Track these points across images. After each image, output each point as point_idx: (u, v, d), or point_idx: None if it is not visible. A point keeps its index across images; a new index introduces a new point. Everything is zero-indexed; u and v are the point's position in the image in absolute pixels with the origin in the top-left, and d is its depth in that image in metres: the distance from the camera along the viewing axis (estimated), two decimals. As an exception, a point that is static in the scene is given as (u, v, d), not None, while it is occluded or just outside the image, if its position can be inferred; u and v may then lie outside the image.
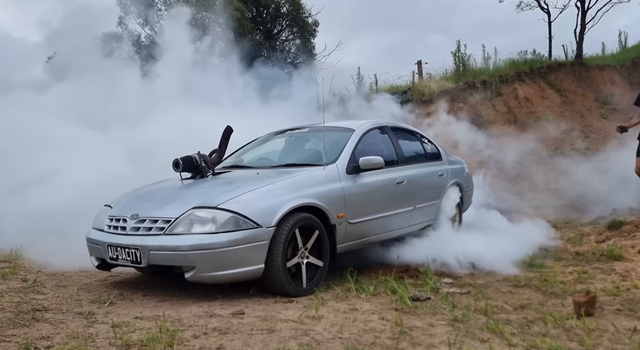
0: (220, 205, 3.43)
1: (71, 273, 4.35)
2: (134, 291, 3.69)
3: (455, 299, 3.47)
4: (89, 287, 3.85)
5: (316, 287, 3.66)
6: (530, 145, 11.42)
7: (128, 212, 3.71)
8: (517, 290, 3.81)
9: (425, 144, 5.54)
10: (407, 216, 4.79)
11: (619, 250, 4.69)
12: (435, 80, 13.34)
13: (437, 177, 5.36)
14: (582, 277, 4.11)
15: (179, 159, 4.16)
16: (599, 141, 11.47)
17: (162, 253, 3.36)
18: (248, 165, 4.73)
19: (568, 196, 7.95)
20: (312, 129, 5.10)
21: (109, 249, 3.60)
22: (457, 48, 13.34)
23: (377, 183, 4.42)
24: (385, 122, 5.42)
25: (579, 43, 14.51)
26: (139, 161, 5.80)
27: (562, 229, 6.34)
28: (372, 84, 14.24)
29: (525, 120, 12.16)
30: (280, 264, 3.45)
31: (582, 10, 14.59)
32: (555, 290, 3.76)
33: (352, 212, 4.09)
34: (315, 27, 18.83)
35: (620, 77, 13.74)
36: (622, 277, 4.02)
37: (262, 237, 3.41)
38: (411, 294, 3.44)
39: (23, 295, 3.42)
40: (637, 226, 5.43)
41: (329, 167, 4.13)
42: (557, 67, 13.71)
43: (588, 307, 3.10)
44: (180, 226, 3.41)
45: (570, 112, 12.53)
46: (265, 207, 3.51)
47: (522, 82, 12.91)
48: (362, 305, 3.25)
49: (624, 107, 12.46)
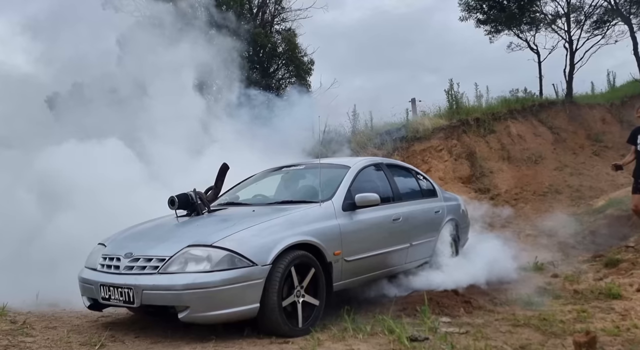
0: (216, 243, 3.40)
1: (61, 314, 4.26)
2: (126, 332, 3.60)
3: (453, 339, 3.41)
4: (80, 328, 3.76)
5: (312, 326, 3.59)
6: (523, 181, 11.52)
7: (122, 250, 3.67)
8: (516, 330, 3.75)
9: (420, 181, 5.58)
10: (403, 253, 4.76)
11: (617, 288, 4.65)
12: (429, 117, 13.53)
13: (433, 213, 5.36)
14: (581, 316, 4.06)
15: (174, 197, 4.15)
16: (591, 178, 11.58)
17: (155, 293, 3.30)
18: (244, 202, 4.73)
19: (563, 233, 7.93)
20: (308, 166, 5.13)
21: (101, 289, 3.53)
22: (450, 86, 13.60)
23: (373, 220, 4.42)
24: (380, 159, 5.47)
25: (568, 82, 14.87)
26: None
27: (559, 267, 6.30)
28: (367, 121, 14.41)
29: (519, 157, 12.29)
30: (276, 303, 3.39)
31: (570, 51, 15.04)
32: (555, 329, 3.70)
33: (348, 249, 4.07)
34: (311, 66, 19.21)
35: (610, 116, 14.03)
36: (621, 317, 3.97)
37: (257, 276, 3.37)
38: (409, 333, 3.37)
39: (11, 337, 3.33)
40: (634, 264, 5.41)
41: (325, 204, 4.13)
42: (549, 105, 13.99)
43: (588, 347, 3.05)
44: (175, 265, 3.37)
45: (563, 150, 12.70)
46: (261, 244, 3.48)
47: (514, 119, 13.12)
48: (360, 345, 3.18)
49: (615, 145, 12.66)
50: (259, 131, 8.43)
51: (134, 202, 5.50)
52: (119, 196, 5.67)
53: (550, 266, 6.39)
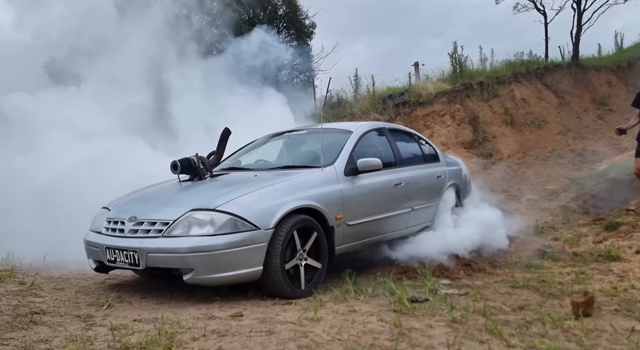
0: (219, 208, 3.43)
1: (69, 276, 4.34)
2: (132, 294, 3.68)
3: (453, 300, 3.48)
4: (87, 289, 3.84)
5: (315, 289, 3.66)
6: (526, 145, 11.46)
7: (126, 214, 3.71)
8: (515, 291, 3.82)
9: (422, 146, 5.55)
10: (405, 218, 4.79)
11: (617, 250, 4.70)
12: (432, 81, 13.36)
13: (434, 178, 5.37)
14: (579, 277, 4.12)
15: (177, 161, 4.15)
16: (595, 142, 11.52)
17: (160, 255, 3.35)
18: (246, 167, 4.73)
19: (565, 197, 7.96)
20: (310, 131, 5.10)
21: (107, 252, 3.59)
22: (454, 49, 13.36)
23: (375, 185, 4.43)
24: (383, 124, 5.43)
25: (575, 44, 14.58)
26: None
27: (560, 230, 6.35)
28: (369, 86, 14.24)
29: (522, 121, 12.20)
30: (279, 266, 3.45)
31: (578, 11, 14.66)
32: (553, 291, 3.77)
33: (350, 214, 4.09)
34: (313, 29, 18.85)
35: (616, 78, 13.82)
36: (619, 278, 4.03)
37: (260, 239, 3.41)
38: (410, 295, 3.44)
39: (21, 298, 3.41)
40: (634, 227, 5.45)
41: (327, 169, 4.13)
42: (554, 68, 13.77)
43: (586, 307, 3.10)
44: (179, 228, 3.40)
45: (567, 113, 12.58)
46: (264, 209, 3.51)
47: (518, 83, 12.95)
48: (361, 306, 3.25)
49: (620, 108, 12.53)
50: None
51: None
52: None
53: (551, 230, 6.46)
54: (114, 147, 6.05)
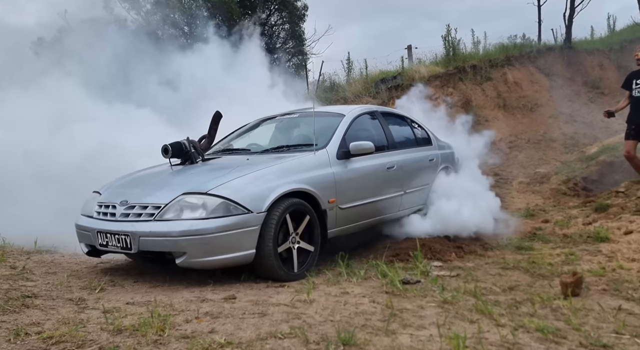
0: (211, 191, 3.42)
1: (60, 260, 4.33)
2: (125, 277, 3.69)
3: (444, 281, 3.51)
4: (79, 273, 3.84)
5: (307, 271, 3.69)
6: (518, 129, 11.49)
7: (117, 198, 3.69)
8: (505, 272, 3.86)
9: (415, 129, 5.55)
10: (397, 201, 4.81)
11: (606, 232, 4.76)
12: (425, 65, 13.31)
13: (427, 161, 5.38)
14: (569, 258, 4.18)
15: (168, 145, 4.12)
16: (586, 125, 11.57)
17: (152, 239, 3.35)
18: (238, 151, 4.71)
19: (556, 180, 8.02)
20: (302, 114, 5.08)
21: (98, 236, 3.58)
22: (447, 32, 13.31)
23: (368, 168, 4.43)
24: (375, 107, 5.41)
25: (568, 27, 14.53)
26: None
27: (550, 212, 6.41)
28: (362, 69, 14.17)
29: (515, 105, 12.21)
30: (272, 249, 3.46)
31: (571, -7, 14.58)
32: (543, 271, 3.82)
33: (342, 197, 4.10)
34: (305, 12, 18.64)
35: (608, 61, 13.82)
36: (608, 258, 4.09)
37: (252, 223, 3.41)
38: (401, 277, 3.47)
39: (12, 282, 3.40)
40: (622, 208, 5.51)
41: (319, 152, 4.13)
42: (546, 51, 13.75)
43: (575, 287, 3.15)
44: (171, 212, 3.40)
45: (559, 97, 12.60)
46: (256, 192, 3.50)
47: (511, 66, 12.93)
48: (353, 289, 3.27)
49: (612, 91, 12.56)
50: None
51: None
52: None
53: (542, 212, 6.52)
54: (99, 132, 5.99)
